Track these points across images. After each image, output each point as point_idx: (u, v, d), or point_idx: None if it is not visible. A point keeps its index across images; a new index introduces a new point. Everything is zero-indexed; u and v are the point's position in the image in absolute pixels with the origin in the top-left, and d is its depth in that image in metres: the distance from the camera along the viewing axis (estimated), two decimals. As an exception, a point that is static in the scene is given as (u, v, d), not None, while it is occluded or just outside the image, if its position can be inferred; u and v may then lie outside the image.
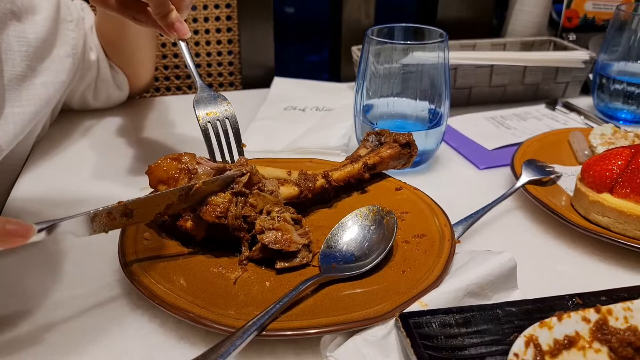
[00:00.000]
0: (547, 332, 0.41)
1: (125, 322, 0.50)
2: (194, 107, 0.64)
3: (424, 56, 0.72)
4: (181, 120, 0.92)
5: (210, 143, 0.63)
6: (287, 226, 0.54)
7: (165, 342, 0.48)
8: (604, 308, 0.43)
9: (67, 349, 0.47)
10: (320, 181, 0.63)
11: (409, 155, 0.69)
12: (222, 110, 0.64)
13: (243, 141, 0.65)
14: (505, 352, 0.41)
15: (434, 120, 0.75)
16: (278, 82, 1.04)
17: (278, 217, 0.55)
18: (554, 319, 0.41)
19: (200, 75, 0.67)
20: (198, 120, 0.63)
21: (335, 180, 0.64)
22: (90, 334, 0.49)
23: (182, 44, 0.66)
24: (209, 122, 0.63)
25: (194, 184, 0.53)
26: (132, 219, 0.50)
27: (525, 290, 0.52)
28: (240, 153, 0.64)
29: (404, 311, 0.47)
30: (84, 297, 0.53)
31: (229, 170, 0.56)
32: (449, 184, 0.75)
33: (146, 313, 0.51)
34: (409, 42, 0.72)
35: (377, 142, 0.69)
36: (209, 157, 0.62)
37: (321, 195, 0.64)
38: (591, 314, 0.42)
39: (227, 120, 0.64)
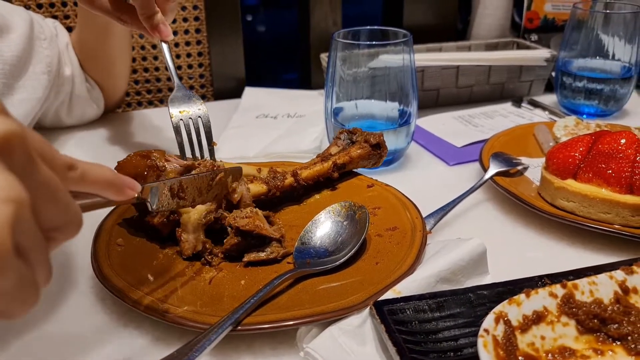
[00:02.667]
0: (516, 308, 0.42)
1: (100, 328, 0.50)
2: (168, 105, 0.65)
3: (390, 59, 0.73)
4: (154, 130, 0.92)
5: (180, 140, 0.64)
6: (259, 216, 0.55)
7: (142, 345, 0.48)
8: (570, 283, 0.44)
9: (44, 357, 0.47)
10: (289, 180, 0.64)
11: (379, 155, 0.70)
12: (195, 109, 0.65)
13: (216, 149, 0.65)
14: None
15: (403, 118, 0.76)
16: (249, 91, 1.05)
17: (250, 210, 0.55)
18: (522, 296, 0.42)
19: (179, 76, 0.68)
20: (171, 118, 0.64)
21: (304, 179, 0.65)
22: (67, 342, 0.48)
23: (164, 46, 0.68)
24: (181, 119, 0.64)
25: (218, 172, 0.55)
26: (182, 200, 0.51)
27: (497, 277, 0.53)
28: (211, 151, 0.64)
29: (378, 299, 0.48)
30: (58, 305, 0.52)
31: (197, 167, 0.57)
32: (420, 181, 0.76)
33: (122, 318, 0.51)
34: (373, 42, 0.74)
35: (349, 141, 0.70)
36: (179, 155, 0.62)
37: (290, 193, 0.65)
38: (558, 289, 0.43)
39: (199, 119, 0.65)
